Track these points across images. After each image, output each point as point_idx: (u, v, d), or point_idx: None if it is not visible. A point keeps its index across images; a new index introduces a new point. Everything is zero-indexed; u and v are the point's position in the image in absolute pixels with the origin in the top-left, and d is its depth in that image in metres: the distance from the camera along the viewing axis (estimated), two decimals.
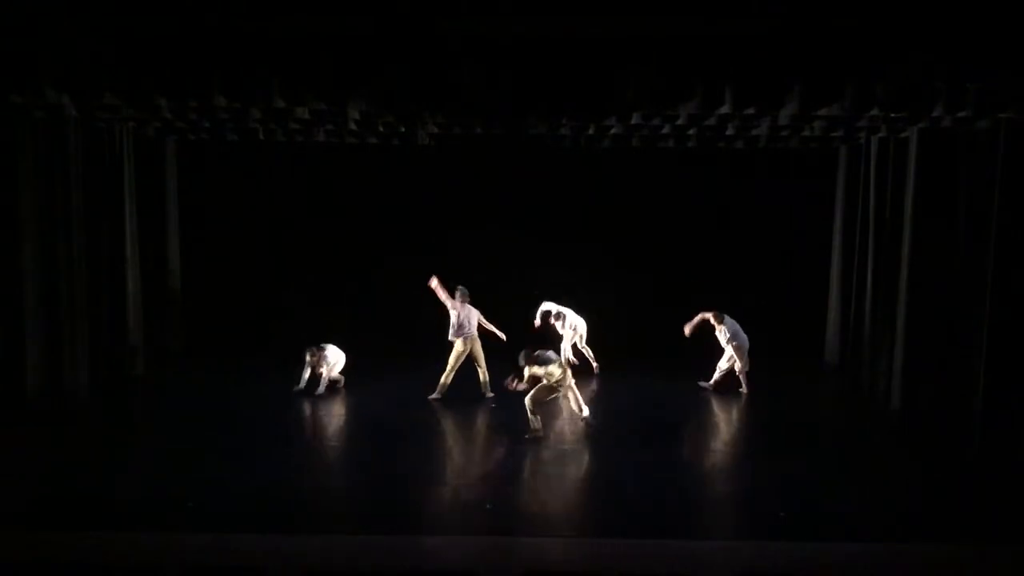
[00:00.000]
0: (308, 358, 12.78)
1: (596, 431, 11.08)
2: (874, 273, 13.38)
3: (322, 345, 12.91)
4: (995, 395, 10.41)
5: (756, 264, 15.54)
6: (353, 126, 12.52)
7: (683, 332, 13.09)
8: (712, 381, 13.31)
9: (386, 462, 10.18)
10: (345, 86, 9.45)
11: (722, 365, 13.25)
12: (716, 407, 12.66)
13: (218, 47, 8.93)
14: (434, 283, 12.41)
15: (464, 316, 12.43)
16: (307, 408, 12.34)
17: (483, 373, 12.66)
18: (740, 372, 13.17)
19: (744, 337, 13.07)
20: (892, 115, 10.37)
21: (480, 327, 12.58)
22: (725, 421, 12.30)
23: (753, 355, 13.17)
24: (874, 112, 9.90)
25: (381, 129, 12.96)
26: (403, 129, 13.04)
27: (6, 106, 10.37)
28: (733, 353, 13.07)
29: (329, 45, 8.96)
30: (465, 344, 12.40)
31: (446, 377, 12.46)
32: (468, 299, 12.52)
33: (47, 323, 11.73)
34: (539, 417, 10.76)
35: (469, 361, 12.55)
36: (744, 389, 13.17)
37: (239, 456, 10.00)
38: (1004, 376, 10.40)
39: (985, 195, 10.58)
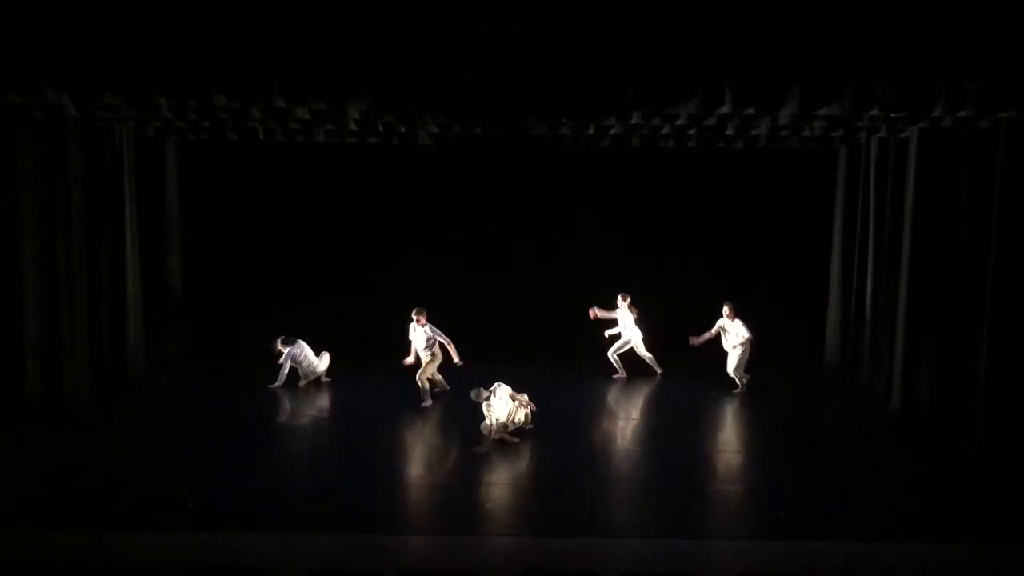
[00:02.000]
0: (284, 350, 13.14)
1: (596, 432, 11.07)
2: (874, 273, 13.38)
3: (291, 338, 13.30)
4: (995, 395, 10.41)
5: (756, 264, 15.53)
6: (353, 126, 12.51)
7: (692, 342, 13.16)
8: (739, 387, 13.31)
9: (386, 462, 10.19)
10: (345, 86, 9.45)
11: (732, 364, 13.22)
12: (716, 408, 12.64)
13: (218, 47, 8.93)
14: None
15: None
16: (307, 409, 12.34)
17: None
18: (736, 371, 13.16)
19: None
20: (892, 115, 10.36)
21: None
22: (725, 422, 12.29)
23: (753, 355, 13.16)
24: (874, 112, 9.89)
25: (381, 129, 12.96)
26: (403, 129, 13.04)
27: (6, 106, 10.36)
28: (738, 350, 13.04)
29: (329, 45, 8.95)
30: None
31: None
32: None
33: (47, 323, 11.72)
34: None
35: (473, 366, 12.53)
36: (740, 390, 13.20)
37: (239, 456, 10.01)
38: (1004, 376, 10.39)
39: (985, 195, 10.57)
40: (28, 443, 10.32)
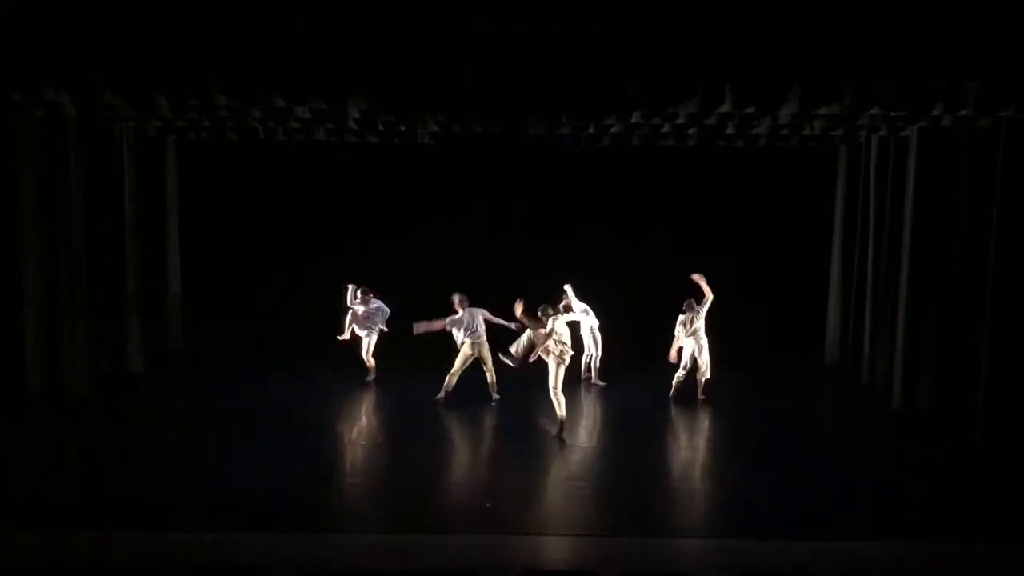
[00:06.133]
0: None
1: (596, 431, 11.07)
2: (874, 273, 13.37)
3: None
4: (995, 394, 10.40)
5: (756, 264, 15.53)
6: (353, 126, 12.52)
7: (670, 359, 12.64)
8: (673, 391, 12.75)
9: (387, 462, 10.18)
10: (345, 86, 9.45)
11: (679, 374, 12.70)
12: (716, 407, 12.63)
13: (218, 47, 8.93)
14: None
15: (469, 320, 12.29)
16: (308, 408, 12.33)
17: (491, 375, 12.39)
18: (701, 376, 12.64)
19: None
20: (892, 115, 10.36)
21: (490, 323, 12.38)
22: (725, 421, 12.26)
23: (752, 355, 13.12)
24: (874, 112, 9.89)
25: (381, 129, 12.96)
26: (403, 129, 13.05)
27: (6, 106, 10.37)
28: (694, 350, 12.54)
29: (329, 45, 8.95)
30: (472, 348, 12.20)
31: (451, 378, 12.32)
32: (467, 303, 12.36)
33: (47, 322, 11.72)
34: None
35: (475, 363, 12.42)
36: (702, 396, 12.67)
37: (239, 456, 10.00)
38: (1004, 375, 10.39)
39: (985, 195, 10.58)
40: (28, 442, 10.32)
